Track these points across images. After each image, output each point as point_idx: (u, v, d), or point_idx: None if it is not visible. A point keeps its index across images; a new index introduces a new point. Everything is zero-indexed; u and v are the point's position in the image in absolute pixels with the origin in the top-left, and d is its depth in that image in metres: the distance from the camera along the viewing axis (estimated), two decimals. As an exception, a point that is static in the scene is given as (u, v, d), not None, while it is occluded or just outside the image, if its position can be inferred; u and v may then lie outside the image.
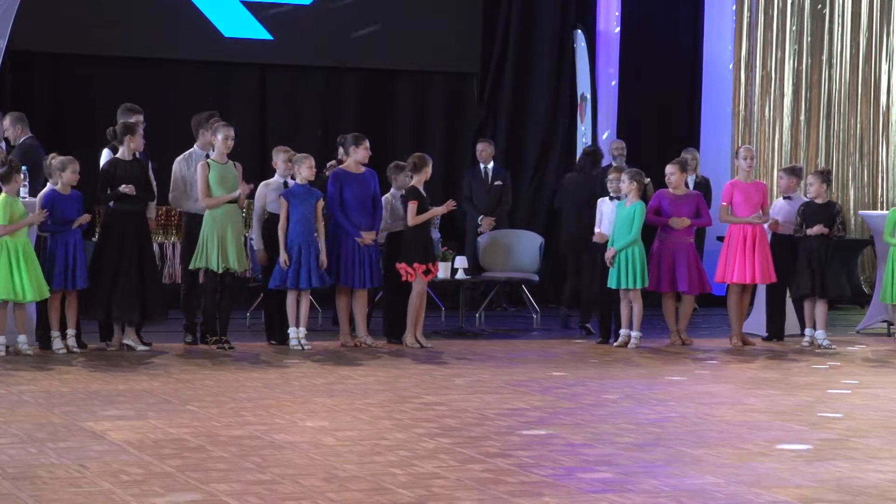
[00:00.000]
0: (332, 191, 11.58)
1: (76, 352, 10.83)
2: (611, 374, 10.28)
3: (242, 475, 6.22)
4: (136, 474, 6.20)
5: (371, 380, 9.66)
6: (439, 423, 7.76)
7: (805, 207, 12.31)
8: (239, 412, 8.09)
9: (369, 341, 11.66)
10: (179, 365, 10.51)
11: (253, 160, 13.65)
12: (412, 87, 16.44)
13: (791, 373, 10.57)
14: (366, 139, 11.76)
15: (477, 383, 9.58)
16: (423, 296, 11.80)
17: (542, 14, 16.69)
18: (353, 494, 5.87)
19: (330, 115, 15.70)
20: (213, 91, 15.04)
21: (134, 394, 8.83)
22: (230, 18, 15.37)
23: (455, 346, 12.04)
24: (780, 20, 17.41)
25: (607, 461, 6.72)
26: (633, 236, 11.90)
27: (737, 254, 12.29)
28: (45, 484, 5.97)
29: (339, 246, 11.51)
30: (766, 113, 17.42)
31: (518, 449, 7.01)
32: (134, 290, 10.95)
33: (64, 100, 14.61)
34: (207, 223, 11.16)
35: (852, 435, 7.64)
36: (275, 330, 11.73)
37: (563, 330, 13.41)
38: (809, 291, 12.14)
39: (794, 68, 17.45)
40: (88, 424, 7.53)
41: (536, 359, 11.19)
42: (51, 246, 10.80)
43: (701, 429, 7.78)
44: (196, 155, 11.59)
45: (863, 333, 13.65)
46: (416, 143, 15.43)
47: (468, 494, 5.91)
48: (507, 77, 16.62)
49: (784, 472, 6.54)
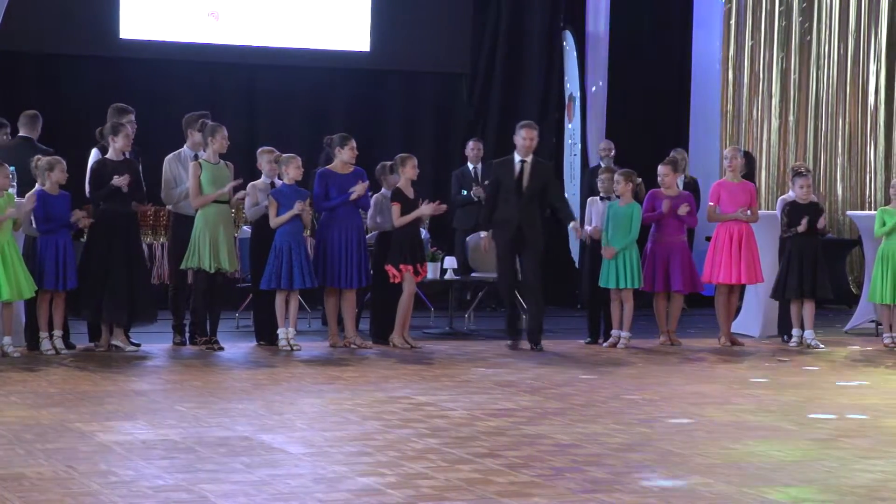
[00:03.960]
0: (318, 190, 11.58)
1: (64, 353, 10.81)
2: (600, 374, 10.29)
3: (231, 476, 6.22)
4: (125, 475, 6.20)
5: (360, 380, 9.66)
6: (428, 424, 7.77)
7: (790, 208, 12.34)
8: (228, 413, 8.08)
9: (358, 342, 11.66)
10: (168, 365, 10.50)
11: (242, 161, 13.63)
12: (402, 87, 16.44)
13: (779, 373, 10.59)
14: (352, 139, 11.75)
15: (466, 383, 9.58)
16: (412, 297, 11.81)
17: (532, 15, 16.71)
18: (341, 495, 5.87)
19: (319, 116, 15.69)
20: (204, 90, 15.01)
21: (122, 394, 8.82)
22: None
23: (444, 346, 12.04)
24: (769, 21, 17.45)
25: (596, 461, 6.72)
26: (633, 236, 11.93)
27: (723, 254, 12.32)
28: (32, 485, 5.96)
29: (326, 246, 11.50)
30: (755, 113, 17.45)
31: (507, 449, 7.01)
32: (123, 291, 10.93)
33: (50, 100, 14.59)
34: (199, 223, 11.15)
35: (840, 435, 7.65)
36: (264, 330, 11.72)
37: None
38: (798, 293, 12.17)
39: (782, 69, 17.49)
40: (77, 425, 7.51)
41: (525, 359, 11.19)
42: (41, 246, 10.77)
43: (689, 429, 7.79)
44: (185, 154, 11.58)
45: (851, 333, 13.68)
46: (405, 144, 15.44)
47: (457, 495, 5.91)
48: (497, 77, 16.65)
49: (772, 471, 6.55)
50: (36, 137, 11.70)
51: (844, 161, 17.79)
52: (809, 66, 17.60)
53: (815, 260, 12.19)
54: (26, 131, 11.67)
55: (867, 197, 17.85)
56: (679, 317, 12.65)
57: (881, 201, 17.08)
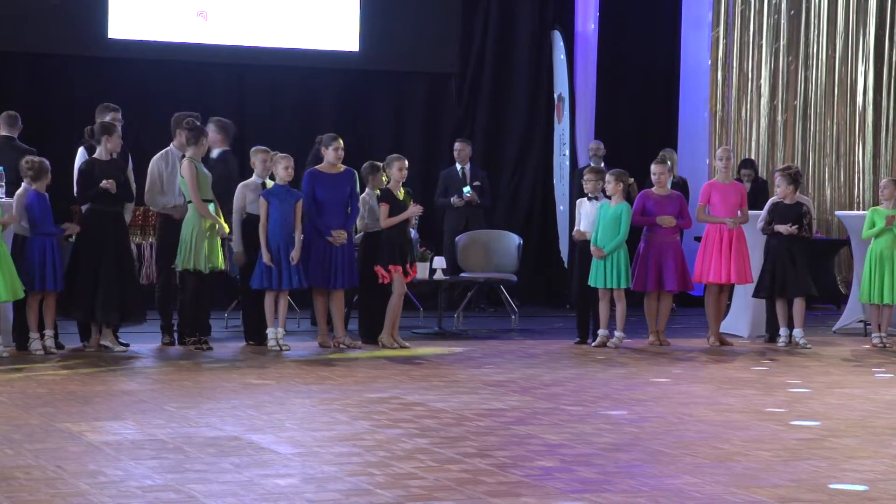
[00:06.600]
0: (305, 191, 11.59)
1: (54, 353, 10.79)
2: (589, 374, 10.30)
3: (220, 476, 6.21)
4: (114, 475, 6.19)
5: (349, 380, 9.66)
6: (417, 424, 7.76)
7: (773, 207, 12.37)
8: (217, 413, 8.07)
9: (347, 342, 11.66)
10: (157, 366, 10.49)
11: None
12: (391, 87, 16.44)
13: (768, 373, 10.60)
14: (338, 140, 11.74)
15: (455, 384, 9.58)
16: (402, 297, 11.81)
17: (521, 15, 16.72)
18: (330, 495, 5.87)
19: (308, 116, 15.68)
20: (193, 90, 15.00)
21: (111, 395, 8.81)
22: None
23: (433, 346, 12.04)
24: (758, 21, 17.47)
25: (585, 461, 6.72)
26: (622, 237, 11.93)
27: (714, 254, 12.34)
28: (21, 485, 5.95)
29: (313, 247, 11.49)
30: (744, 114, 17.48)
31: (496, 449, 7.01)
32: (113, 291, 10.92)
33: (38, 99, 14.56)
34: (191, 224, 11.10)
35: (829, 434, 7.67)
36: (252, 331, 11.71)
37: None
38: (770, 292, 12.22)
39: (771, 69, 17.52)
40: (66, 425, 7.50)
41: (515, 359, 11.19)
42: (29, 247, 10.75)
43: (679, 429, 7.80)
44: (172, 154, 11.56)
45: (839, 333, 13.70)
46: (394, 144, 15.45)
47: (446, 495, 5.91)
48: (486, 77, 16.65)
49: (761, 471, 6.56)
50: (17, 136, 11.73)
51: (833, 161, 17.82)
52: (798, 66, 17.63)
53: (793, 259, 12.20)
54: (7, 131, 11.71)
55: (856, 197, 17.88)
56: (668, 316, 12.67)
57: (870, 201, 17.12)
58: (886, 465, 6.81)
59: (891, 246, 12.42)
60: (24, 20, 14.59)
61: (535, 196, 16.80)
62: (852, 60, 17.80)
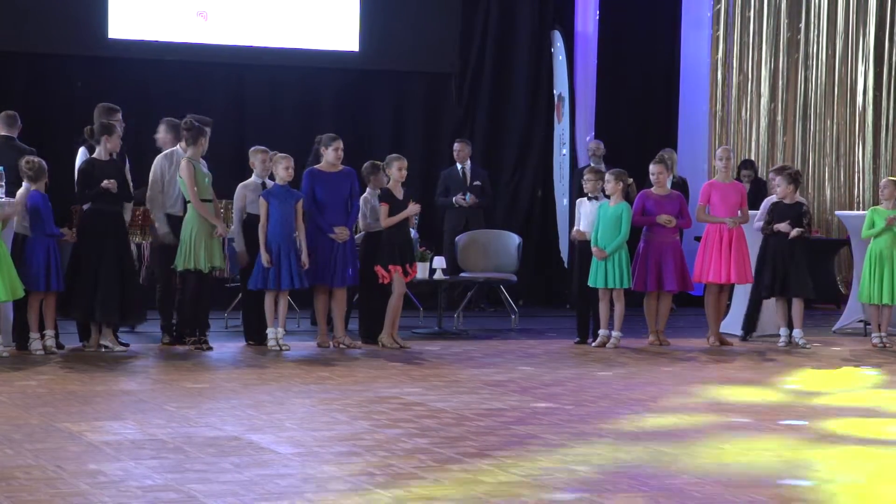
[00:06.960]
0: (305, 190, 11.59)
1: (54, 353, 10.79)
2: (589, 374, 10.30)
3: (220, 476, 6.21)
4: (114, 475, 6.19)
5: (349, 380, 9.66)
6: (417, 424, 7.76)
7: (773, 207, 12.37)
8: (217, 413, 8.08)
9: (347, 342, 11.66)
10: (157, 366, 10.49)
11: (230, 161, 13.63)
12: (391, 87, 16.44)
13: (768, 373, 10.60)
14: (338, 140, 11.74)
15: (455, 384, 9.58)
16: (402, 297, 11.81)
17: (521, 15, 16.71)
18: (330, 495, 5.87)
19: (308, 115, 15.68)
20: (193, 90, 14.99)
21: (111, 394, 8.81)
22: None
23: (433, 346, 12.04)
24: (758, 21, 17.47)
25: (585, 461, 6.72)
26: (623, 237, 11.93)
27: (713, 253, 12.34)
28: (21, 485, 5.95)
29: (316, 245, 11.50)
30: (744, 113, 17.47)
31: (496, 449, 7.01)
32: (113, 291, 10.92)
33: (38, 99, 14.56)
34: (191, 223, 11.10)
35: (829, 435, 7.67)
36: (252, 331, 11.71)
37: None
38: (770, 291, 12.23)
39: (770, 69, 17.51)
40: (65, 425, 7.50)
41: (515, 359, 11.19)
42: (30, 247, 10.75)
43: (679, 429, 7.80)
44: (178, 155, 11.57)
45: (839, 333, 13.70)
46: (394, 143, 15.44)
47: (446, 494, 5.91)
48: (486, 77, 16.64)
49: (761, 472, 6.56)
50: (16, 136, 11.73)
51: (833, 161, 17.82)
52: (798, 66, 17.62)
53: (794, 258, 12.20)
54: (6, 131, 11.71)
55: (856, 197, 17.88)
56: (668, 316, 12.67)
57: (870, 201, 17.12)
58: (886, 464, 6.82)
59: (891, 246, 12.43)
60: (24, 20, 14.59)
61: (534, 196, 16.80)
62: (852, 60, 17.80)
